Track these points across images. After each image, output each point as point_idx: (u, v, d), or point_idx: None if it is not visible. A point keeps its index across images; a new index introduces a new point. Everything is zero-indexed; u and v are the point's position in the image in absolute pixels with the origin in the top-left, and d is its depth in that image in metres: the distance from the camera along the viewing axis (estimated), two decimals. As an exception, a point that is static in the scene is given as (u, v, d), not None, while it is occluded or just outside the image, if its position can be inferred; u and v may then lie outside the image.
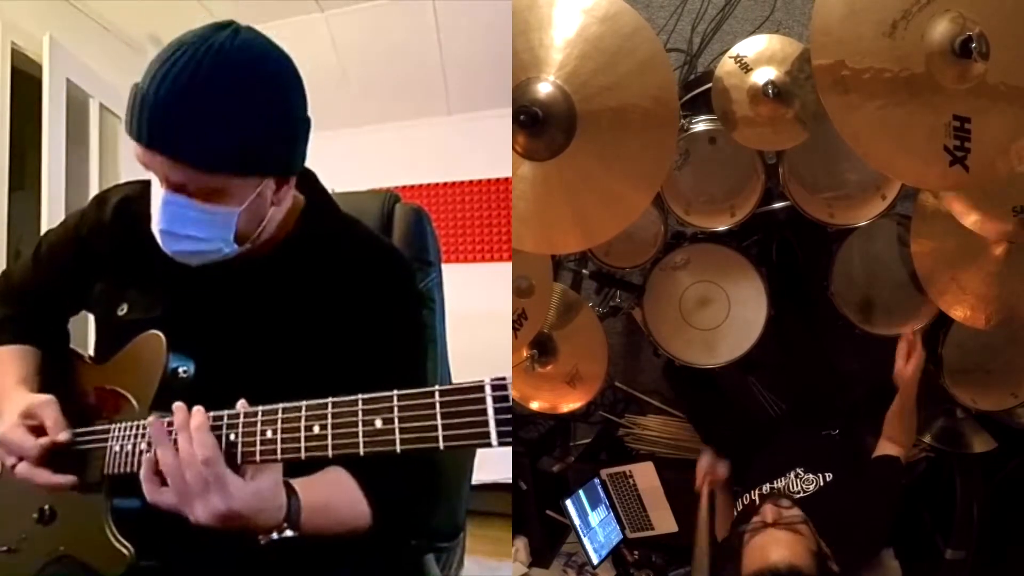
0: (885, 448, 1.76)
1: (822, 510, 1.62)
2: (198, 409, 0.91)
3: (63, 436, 1.05)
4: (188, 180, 0.97)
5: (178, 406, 0.92)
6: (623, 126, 1.55)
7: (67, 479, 1.04)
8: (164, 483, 0.90)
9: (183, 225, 1.00)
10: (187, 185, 0.97)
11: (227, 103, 0.93)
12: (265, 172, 1.01)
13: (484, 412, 0.74)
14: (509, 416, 0.74)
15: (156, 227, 1.02)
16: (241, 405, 0.91)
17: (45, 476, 1.04)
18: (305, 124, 1.05)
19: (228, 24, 0.98)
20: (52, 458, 1.05)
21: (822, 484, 1.76)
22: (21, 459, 1.05)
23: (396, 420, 0.79)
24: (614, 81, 1.53)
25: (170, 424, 0.91)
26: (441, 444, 0.76)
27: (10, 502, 1.11)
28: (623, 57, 1.52)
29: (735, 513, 1.81)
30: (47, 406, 1.07)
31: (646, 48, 1.53)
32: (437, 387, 0.78)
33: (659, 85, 1.54)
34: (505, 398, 0.74)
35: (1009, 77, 1.44)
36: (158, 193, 1.00)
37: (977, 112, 1.45)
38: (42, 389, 1.13)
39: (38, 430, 1.06)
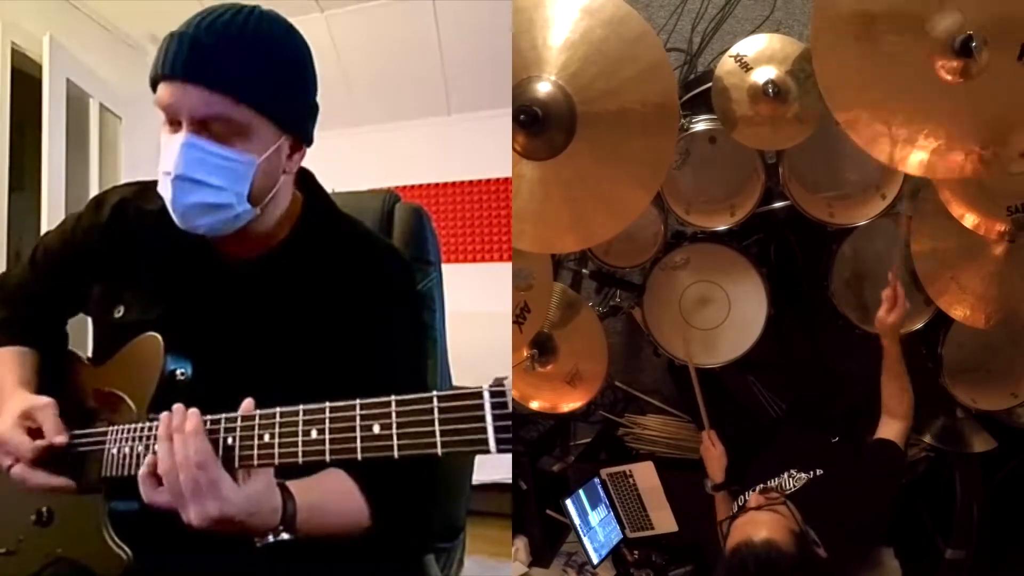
0: (885, 426, 1.71)
1: (810, 502, 1.62)
2: (193, 412, 0.91)
3: (59, 439, 1.05)
4: (217, 113, 0.97)
5: (177, 407, 0.91)
6: (623, 127, 1.55)
7: (63, 482, 1.04)
8: (161, 483, 0.90)
9: (200, 169, 0.99)
10: (212, 124, 0.98)
11: (263, 46, 1.01)
12: (286, 123, 1.05)
13: (483, 419, 0.74)
14: (508, 423, 0.74)
15: (170, 176, 0.99)
16: (246, 405, 0.91)
17: (41, 478, 1.04)
18: (315, 104, 1.10)
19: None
20: (49, 460, 1.04)
21: (811, 478, 1.76)
22: (18, 460, 1.05)
23: (394, 426, 0.79)
24: (615, 83, 1.53)
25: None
26: (439, 450, 0.76)
27: (8, 504, 1.11)
28: (626, 60, 1.52)
29: (734, 509, 1.81)
30: (46, 409, 1.07)
31: (649, 51, 1.53)
32: (435, 393, 0.77)
33: (660, 87, 1.54)
34: (504, 404, 0.74)
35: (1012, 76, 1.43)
36: (176, 140, 0.99)
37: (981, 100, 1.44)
38: (40, 391, 1.12)
39: (35, 432, 1.05)
